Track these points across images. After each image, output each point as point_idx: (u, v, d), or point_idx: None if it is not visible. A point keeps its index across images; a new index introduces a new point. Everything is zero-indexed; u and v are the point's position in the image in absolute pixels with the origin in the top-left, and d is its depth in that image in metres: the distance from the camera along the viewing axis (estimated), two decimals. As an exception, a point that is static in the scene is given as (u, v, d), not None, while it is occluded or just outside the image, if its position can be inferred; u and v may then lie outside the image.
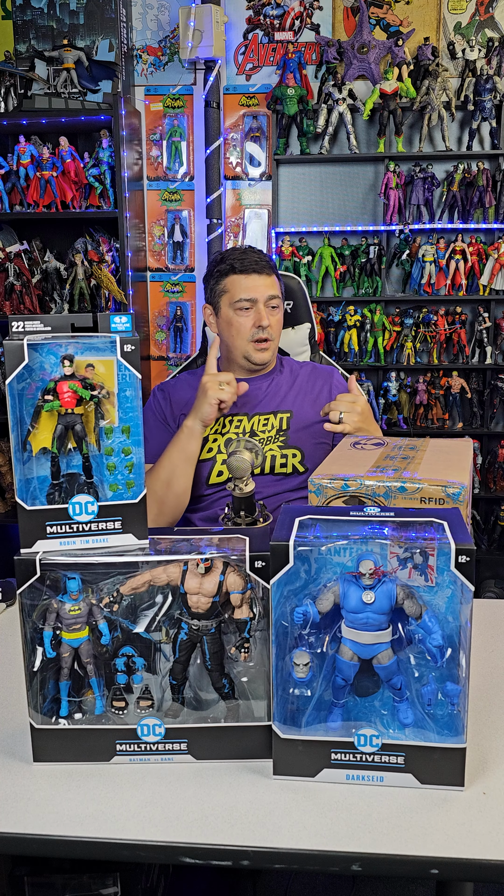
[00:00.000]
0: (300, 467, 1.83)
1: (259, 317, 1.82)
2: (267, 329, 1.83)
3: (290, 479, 1.83)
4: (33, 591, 1.04)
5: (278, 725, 1.02)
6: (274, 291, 1.85)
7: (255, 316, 1.83)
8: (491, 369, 3.46)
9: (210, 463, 1.83)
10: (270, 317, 1.84)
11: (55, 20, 3.42)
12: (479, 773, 1.04)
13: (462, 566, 0.96)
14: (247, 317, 1.83)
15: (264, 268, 1.84)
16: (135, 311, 3.53)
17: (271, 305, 1.85)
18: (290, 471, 1.83)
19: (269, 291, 1.84)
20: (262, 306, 1.83)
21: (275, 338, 1.88)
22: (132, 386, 1.06)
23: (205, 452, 1.85)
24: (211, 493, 1.83)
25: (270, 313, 1.84)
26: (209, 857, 0.93)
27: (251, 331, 1.83)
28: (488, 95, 3.23)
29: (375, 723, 1.02)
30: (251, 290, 1.83)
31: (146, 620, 1.07)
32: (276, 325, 1.86)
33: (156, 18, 3.52)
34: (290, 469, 1.83)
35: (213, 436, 1.86)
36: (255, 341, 1.84)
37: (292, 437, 1.85)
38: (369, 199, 3.50)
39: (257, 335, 1.83)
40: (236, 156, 3.59)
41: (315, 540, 0.99)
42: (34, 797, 1.02)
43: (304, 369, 1.99)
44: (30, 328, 1.03)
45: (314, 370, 1.99)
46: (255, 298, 1.83)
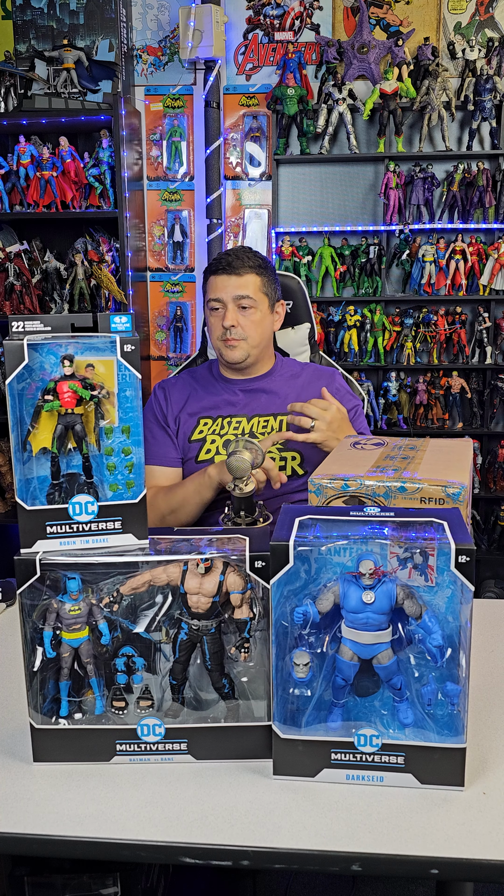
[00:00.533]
0: (299, 470, 1.82)
1: (224, 316, 1.82)
2: (233, 330, 1.82)
3: (289, 481, 1.82)
4: (33, 591, 1.04)
5: (278, 725, 1.02)
6: (242, 291, 1.82)
7: (221, 316, 1.83)
8: (491, 369, 3.46)
9: (208, 464, 1.83)
10: (240, 317, 1.83)
11: (55, 20, 3.42)
12: (479, 773, 1.04)
13: (462, 566, 0.96)
14: (217, 317, 1.84)
15: (238, 268, 1.82)
16: (135, 311, 3.53)
17: (241, 305, 1.83)
18: (289, 473, 1.82)
19: (237, 291, 1.82)
20: (230, 306, 1.82)
21: (249, 336, 1.85)
22: (132, 386, 1.06)
23: (203, 453, 1.85)
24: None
25: (241, 313, 1.83)
26: (209, 857, 0.93)
27: (220, 331, 1.84)
28: (488, 95, 3.23)
29: (375, 723, 1.02)
30: (217, 291, 1.83)
31: (146, 620, 1.07)
32: (249, 325, 1.84)
33: (156, 18, 3.52)
34: (289, 472, 1.82)
35: (210, 436, 1.86)
36: (223, 340, 1.85)
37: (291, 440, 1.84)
38: (369, 199, 3.50)
39: (224, 335, 1.84)
40: (236, 156, 3.59)
41: (315, 540, 0.99)
42: (34, 797, 1.02)
43: (305, 371, 1.98)
44: (30, 328, 1.03)
45: (315, 372, 1.98)
46: (220, 298, 1.83)
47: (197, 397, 1.92)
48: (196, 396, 1.92)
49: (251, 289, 1.83)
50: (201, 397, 1.92)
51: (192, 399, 1.92)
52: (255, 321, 1.85)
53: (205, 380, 1.96)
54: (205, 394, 1.92)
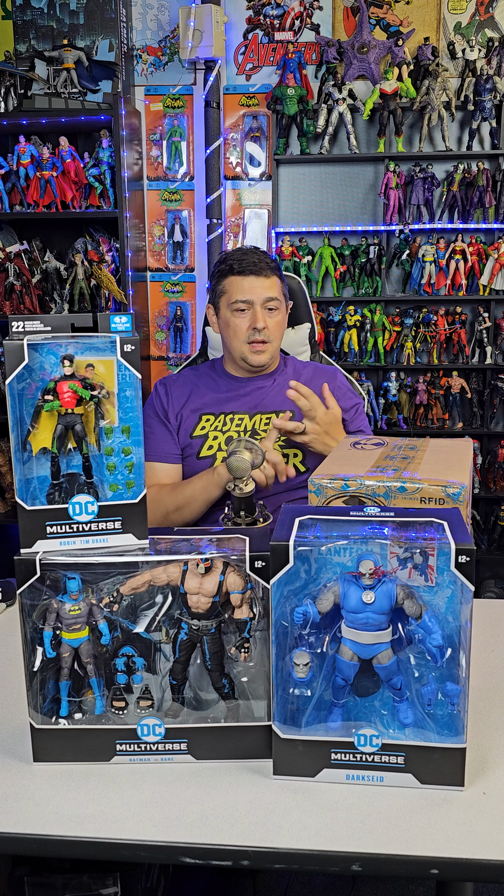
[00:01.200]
0: (301, 467, 1.83)
1: (255, 318, 1.82)
2: (263, 331, 1.83)
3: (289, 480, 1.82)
4: (33, 591, 1.04)
5: (278, 725, 1.02)
6: (271, 293, 1.84)
7: (250, 318, 1.83)
8: (491, 369, 3.46)
9: (210, 461, 1.83)
10: (268, 319, 1.84)
11: (55, 20, 3.42)
12: (479, 773, 1.04)
13: (462, 566, 0.96)
14: (243, 318, 1.83)
15: (263, 269, 1.83)
16: (135, 311, 3.53)
17: (269, 307, 1.84)
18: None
19: (266, 293, 1.83)
20: (258, 308, 1.82)
21: (272, 339, 1.87)
22: (132, 386, 1.06)
23: (205, 450, 1.85)
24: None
25: (268, 315, 1.84)
26: (209, 857, 0.93)
27: (247, 332, 1.83)
28: (488, 95, 3.23)
29: (375, 723, 1.02)
30: (247, 292, 1.82)
31: (146, 620, 1.07)
32: (274, 326, 1.86)
33: (156, 18, 3.52)
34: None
35: (213, 433, 1.86)
36: (250, 343, 1.84)
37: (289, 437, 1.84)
38: (369, 199, 3.50)
39: (253, 337, 1.83)
40: (236, 156, 3.59)
41: (315, 540, 0.99)
42: (34, 797, 1.02)
43: (306, 369, 1.99)
44: (30, 328, 1.03)
45: (317, 370, 1.99)
46: (251, 300, 1.82)
47: (199, 393, 1.92)
48: (198, 393, 1.92)
49: (276, 290, 1.85)
50: (203, 393, 1.92)
51: (194, 395, 1.92)
52: (278, 322, 1.87)
53: (207, 376, 1.96)
54: (207, 390, 1.92)
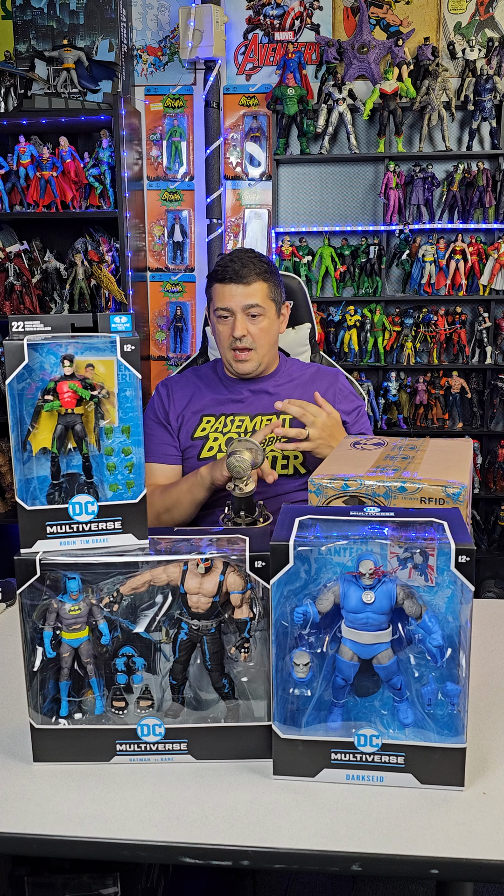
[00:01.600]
0: (301, 469, 1.82)
1: (233, 326, 1.81)
2: (243, 339, 1.81)
3: (291, 480, 1.82)
4: (33, 591, 1.04)
5: (278, 725, 1.02)
6: (251, 300, 1.80)
7: (231, 325, 1.82)
8: (491, 369, 3.46)
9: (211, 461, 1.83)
10: (249, 326, 1.81)
11: (55, 20, 3.42)
12: (479, 773, 1.04)
13: (462, 566, 0.96)
14: (226, 325, 1.83)
15: (245, 276, 1.80)
16: (135, 311, 3.53)
17: (250, 314, 1.81)
18: (291, 472, 1.82)
19: (246, 301, 1.80)
20: (239, 315, 1.80)
21: (257, 346, 1.84)
22: (132, 386, 1.06)
23: (205, 451, 1.85)
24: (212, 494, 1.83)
25: (250, 322, 1.81)
26: (209, 857, 0.93)
27: (229, 339, 1.83)
28: (488, 95, 3.23)
29: (375, 723, 1.02)
30: (227, 300, 1.81)
31: (146, 620, 1.07)
32: (258, 333, 1.83)
33: (156, 18, 3.52)
34: (290, 470, 1.82)
35: (213, 434, 1.86)
36: (233, 350, 1.83)
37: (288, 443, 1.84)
38: (369, 199, 3.50)
39: (234, 344, 1.82)
40: (236, 156, 3.59)
41: (315, 540, 0.99)
42: (34, 797, 1.02)
43: (308, 370, 1.98)
44: (30, 328, 1.03)
45: (318, 372, 1.98)
46: (230, 308, 1.81)
47: (200, 395, 1.92)
48: (199, 394, 1.92)
49: (259, 297, 1.82)
50: (205, 395, 1.92)
51: (195, 397, 1.92)
52: (263, 329, 1.84)
53: (209, 378, 1.96)
54: (208, 392, 1.92)
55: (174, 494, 1.78)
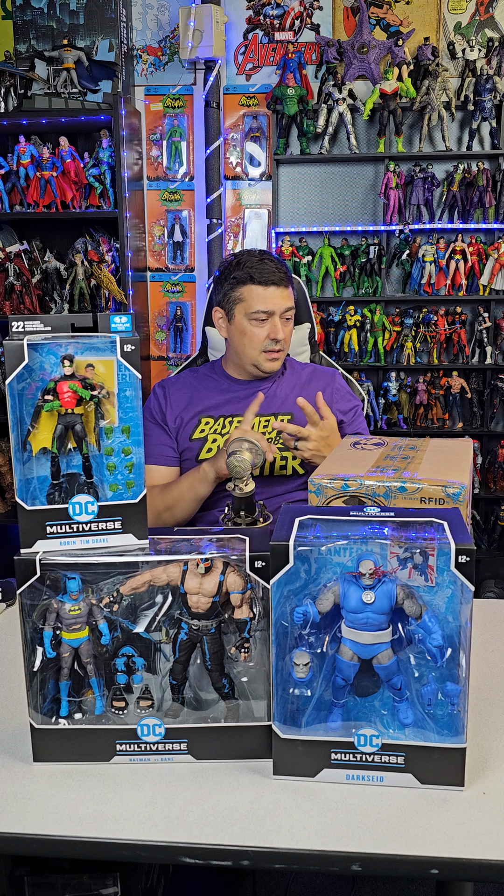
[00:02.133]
0: (299, 469, 1.82)
1: (274, 329, 1.82)
2: (280, 342, 1.84)
3: (289, 481, 1.82)
4: (33, 591, 1.04)
5: (278, 725, 1.02)
6: (290, 304, 1.85)
7: (269, 328, 1.82)
8: (491, 369, 3.46)
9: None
10: (284, 328, 1.84)
11: (55, 20, 3.42)
12: (479, 773, 1.04)
13: (462, 566, 0.96)
14: (261, 328, 1.83)
15: (282, 279, 1.83)
16: (135, 311, 3.53)
17: (286, 317, 1.85)
18: (289, 473, 1.82)
19: (287, 304, 1.84)
20: (277, 318, 1.83)
21: (287, 347, 1.89)
22: (132, 386, 1.06)
23: (204, 452, 1.85)
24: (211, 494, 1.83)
25: (284, 325, 1.85)
26: (209, 857, 0.93)
27: (265, 342, 1.83)
28: (488, 95, 3.23)
29: (375, 723, 1.02)
30: (269, 303, 1.81)
31: (146, 620, 1.07)
32: (288, 336, 1.87)
33: (156, 18, 3.52)
34: (289, 471, 1.82)
35: (212, 436, 1.86)
36: (266, 351, 1.84)
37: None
38: (369, 199, 3.50)
39: (270, 346, 1.84)
40: (236, 156, 3.59)
41: (315, 540, 0.99)
42: (34, 797, 1.02)
43: (305, 371, 1.98)
44: (30, 328, 1.03)
45: (315, 372, 1.98)
46: (273, 311, 1.82)
47: (199, 396, 1.92)
48: (198, 395, 1.92)
49: (293, 300, 1.87)
50: (204, 396, 1.91)
51: (193, 398, 1.92)
52: (291, 331, 1.89)
53: (207, 379, 1.96)
54: (207, 392, 1.92)
55: (175, 492, 1.78)
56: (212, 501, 1.83)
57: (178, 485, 1.79)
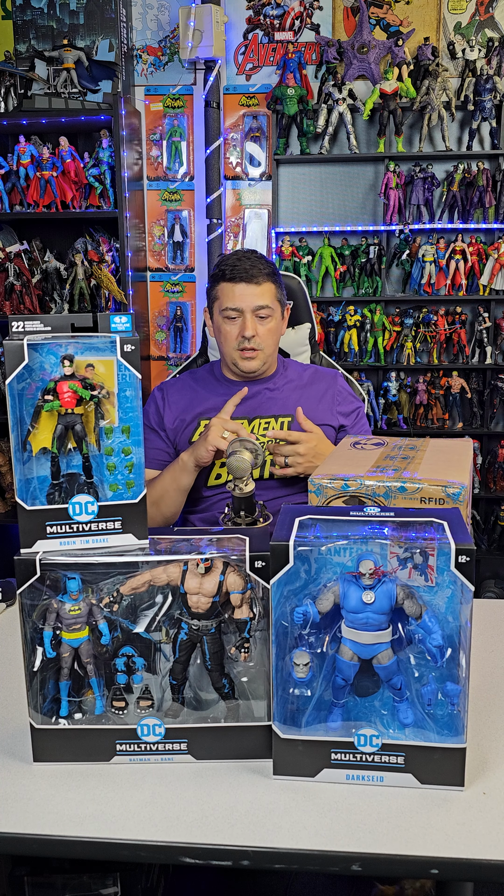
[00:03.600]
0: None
1: (244, 326, 1.80)
2: (252, 339, 1.81)
3: (290, 483, 1.82)
4: (33, 591, 1.04)
5: (278, 725, 1.02)
6: (262, 301, 1.81)
7: (240, 325, 1.81)
8: (491, 369, 3.46)
9: (209, 467, 1.82)
10: (258, 326, 1.81)
11: (55, 20, 3.42)
12: (479, 773, 1.04)
13: (462, 566, 0.96)
14: (233, 325, 1.82)
15: (255, 276, 1.80)
16: (135, 311, 3.53)
17: (259, 315, 1.81)
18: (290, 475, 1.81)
19: (257, 301, 1.80)
20: (248, 315, 1.80)
21: (264, 346, 1.84)
22: (132, 386, 1.06)
23: None
24: (210, 496, 1.83)
25: (259, 322, 1.82)
26: (209, 857, 0.93)
27: (237, 339, 1.82)
28: (488, 95, 3.23)
29: (375, 723, 1.02)
30: (236, 300, 1.80)
31: (146, 620, 1.07)
32: (265, 334, 1.83)
33: (156, 18, 3.52)
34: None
35: None
36: (241, 349, 1.83)
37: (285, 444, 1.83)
38: (369, 199, 3.50)
39: (242, 344, 1.82)
40: (236, 156, 3.59)
41: (315, 540, 0.99)
42: (34, 797, 1.02)
43: (306, 372, 1.97)
44: (30, 328, 1.03)
45: (316, 373, 1.97)
46: (241, 308, 1.80)
47: (198, 399, 1.91)
48: (197, 398, 1.91)
49: (269, 298, 1.82)
50: (203, 399, 1.91)
51: (192, 401, 1.91)
52: (270, 329, 1.84)
53: (206, 381, 1.95)
54: (207, 395, 1.91)
55: (158, 487, 1.78)
56: (211, 504, 1.82)
57: (161, 479, 1.79)
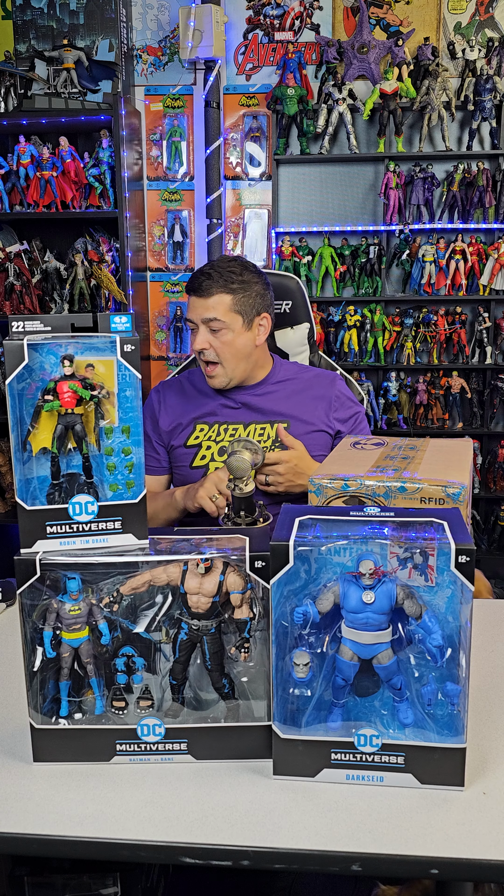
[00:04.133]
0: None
1: (193, 339, 1.80)
2: (205, 352, 1.79)
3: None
4: (33, 591, 1.04)
5: (278, 725, 1.02)
6: (210, 314, 1.76)
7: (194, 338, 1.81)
8: (491, 369, 3.46)
9: (202, 471, 1.82)
10: (211, 339, 1.78)
11: (55, 20, 3.42)
12: (480, 774, 1.04)
13: (462, 566, 0.96)
14: (194, 338, 1.81)
15: (207, 288, 1.77)
16: (135, 311, 3.53)
17: (211, 328, 1.78)
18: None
19: (204, 314, 1.77)
20: (201, 328, 1.78)
21: (222, 360, 1.80)
22: (132, 386, 1.06)
23: (198, 460, 1.84)
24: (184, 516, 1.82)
25: (212, 336, 1.78)
26: (209, 857, 0.93)
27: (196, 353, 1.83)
28: (488, 95, 3.23)
29: (375, 723, 1.02)
30: (190, 312, 1.81)
31: (146, 620, 1.07)
32: (220, 347, 1.78)
33: (156, 18, 3.52)
34: None
35: (206, 443, 1.84)
36: (201, 362, 1.83)
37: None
38: (369, 199, 3.50)
39: (200, 357, 1.82)
40: (236, 156, 3.59)
41: (315, 540, 0.99)
42: (34, 797, 1.02)
43: (305, 375, 1.94)
44: (30, 328, 1.03)
45: (316, 376, 1.94)
46: (192, 320, 1.80)
47: (195, 402, 1.90)
48: (194, 401, 1.90)
49: (220, 311, 1.77)
50: (200, 402, 1.89)
51: (189, 403, 1.90)
52: (226, 342, 1.79)
53: (202, 384, 1.92)
54: (202, 398, 1.90)
55: (151, 507, 1.77)
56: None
57: (155, 502, 1.79)
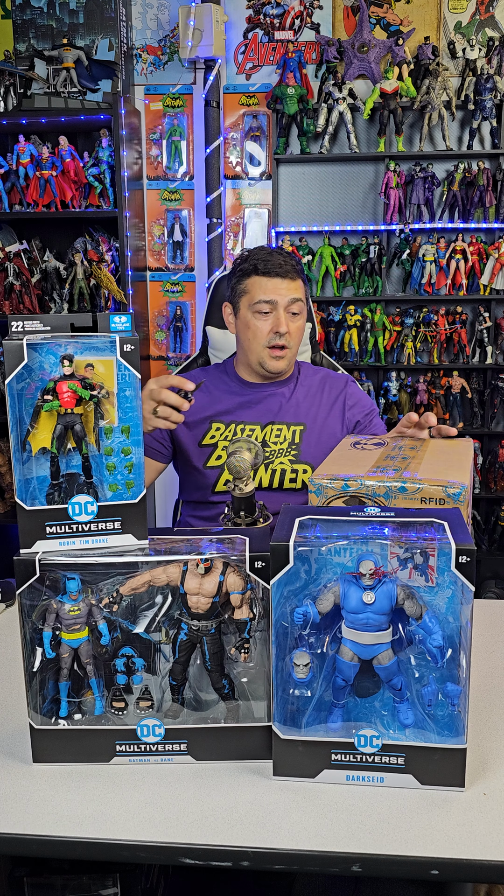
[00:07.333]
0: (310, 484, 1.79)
1: (277, 322, 1.75)
2: (284, 336, 1.76)
3: (299, 494, 1.77)
4: (33, 592, 1.04)
5: (278, 726, 1.02)
6: (297, 295, 1.78)
7: (273, 321, 1.76)
8: (491, 369, 3.46)
9: (217, 471, 1.79)
10: (290, 323, 1.77)
11: (55, 19, 3.42)
12: (480, 774, 1.04)
13: (462, 566, 0.96)
14: (265, 321, 1.77)
15: (289, 271, 1.77)
16: (134, 310, 3.53)
17: (292, 311, 1.77)
18: (299, 486, 1.77)
19: (291, 295, 1.76)
20: (281, 311, 1.76)
21: (293, 346, 1.80)
22: (132, 386, 1.06)
23: (213, 460, 1.80)
24: (218, 502, 1.79)
25: (290, 319, 1.77)
26: (209, 858, 0.93)
27: (268, 336, 1.77)
28: (489, 95, 3.23)
29: (376, 723, 1.01)
30: (271, 293, 1.76)
31: (146, 621, 1.07)
32: (295, 332, 1.79)
33: (156, 18, 3.52)
34: (299, 485, 1.77)
35: (223, 443, 1.80)
36: (270, 347, 1.78)
37: (304, 452, 1.79)
38: (369, 198, 3.50)
39: (273, 341, 1.77)
40: (236, 155, 3.58)
41: (315, 540, 0.99)
42: (34, 797, 1.02)
43: (317, 376, 1.92)
44: (29, 328, 1.03)
45: (327, 378, 1.92)
46: (275, 301, 1.75)
47: (212, 398, 1.85)
48: (211, 397, 1.85)
49: (301, 293, 1.79)
50: (217, 399, 1.85)
51: (206, 401, 1.84)
52: (299, 328, 1.81)
53: (219, 381, 1.89)
54: (220, 395, 1.86)
55: None
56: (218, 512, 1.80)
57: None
